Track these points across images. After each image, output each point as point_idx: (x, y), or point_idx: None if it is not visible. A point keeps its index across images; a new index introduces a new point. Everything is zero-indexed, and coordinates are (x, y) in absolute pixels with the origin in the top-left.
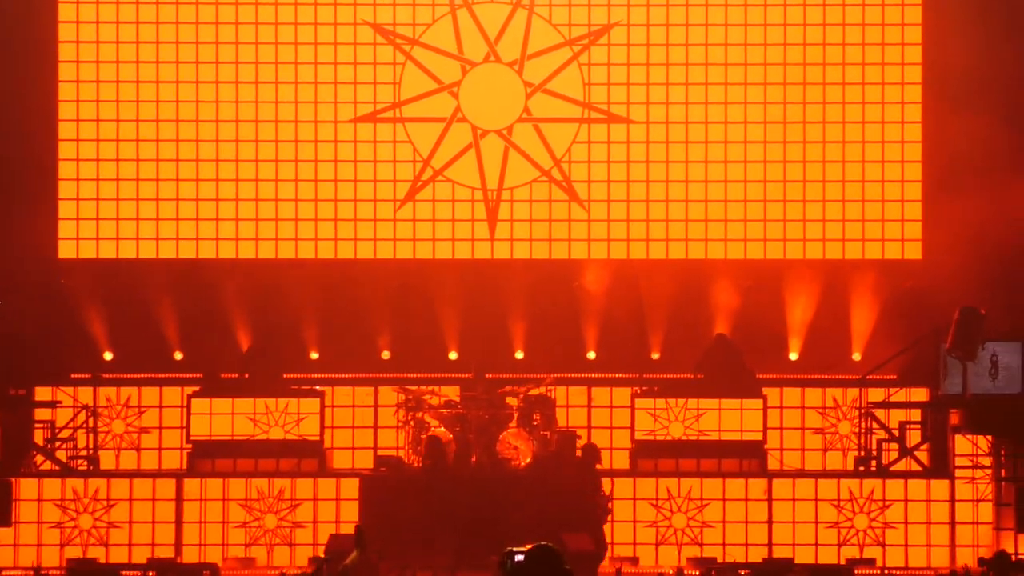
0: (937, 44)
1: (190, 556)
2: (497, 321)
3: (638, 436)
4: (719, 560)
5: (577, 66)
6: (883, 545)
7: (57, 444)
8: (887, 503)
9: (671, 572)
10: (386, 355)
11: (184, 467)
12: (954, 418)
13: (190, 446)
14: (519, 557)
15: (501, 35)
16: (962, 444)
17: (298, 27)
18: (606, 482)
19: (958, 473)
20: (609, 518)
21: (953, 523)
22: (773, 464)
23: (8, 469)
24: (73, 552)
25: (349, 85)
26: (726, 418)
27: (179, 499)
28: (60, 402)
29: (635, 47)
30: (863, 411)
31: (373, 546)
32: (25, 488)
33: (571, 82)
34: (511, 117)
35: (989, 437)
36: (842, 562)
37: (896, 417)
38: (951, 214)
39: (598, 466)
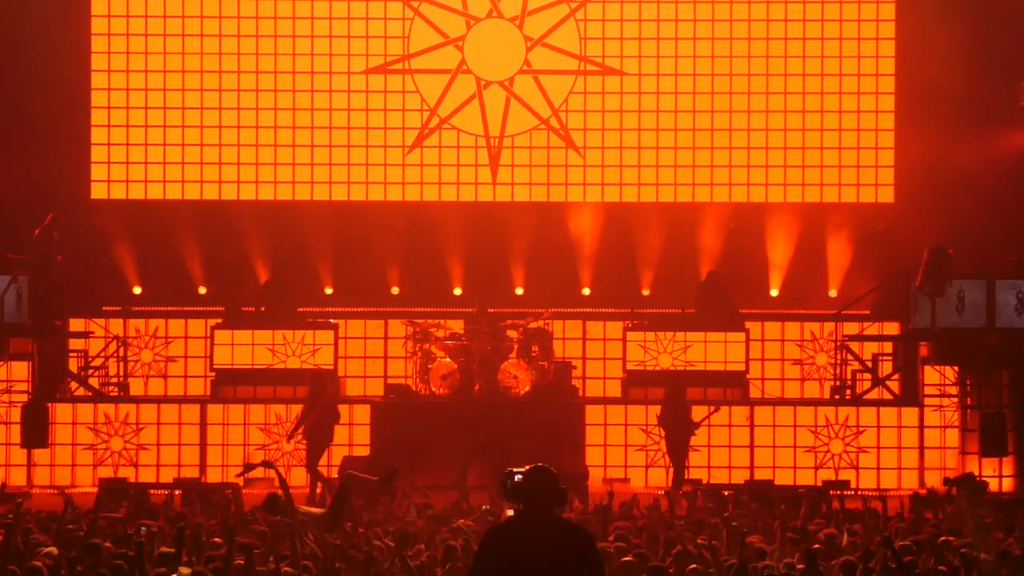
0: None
1: (214, 476)
2: (498, 259)
3: (629, 367)
4: (703, 482)
5: (574, 21)
6: (857, 468)
7: (90, 372)
8: (861, 429)
9: (660, 492)
10: (395, 290)
11: (208, 394)
12: (923, 350)
13: (213, 374)
14: (519, 477)
15: None
16: (931, 374)
17: None
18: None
19: (927, 401)
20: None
21: (922, 448)
22: (755, 393)
23: (45, 395)
24: (105, 472)
25: (361, 39)
26: (711, 350)
27: (203, 423)
28: (93, 333)
29: (628, 3)
30: (839, 343)
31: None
32: (60, 412)
33: (568, 36)
34: (512, 69)
35: (956, 368)
36: (818, 484)
37: (869, 349)
38: (921, 159)
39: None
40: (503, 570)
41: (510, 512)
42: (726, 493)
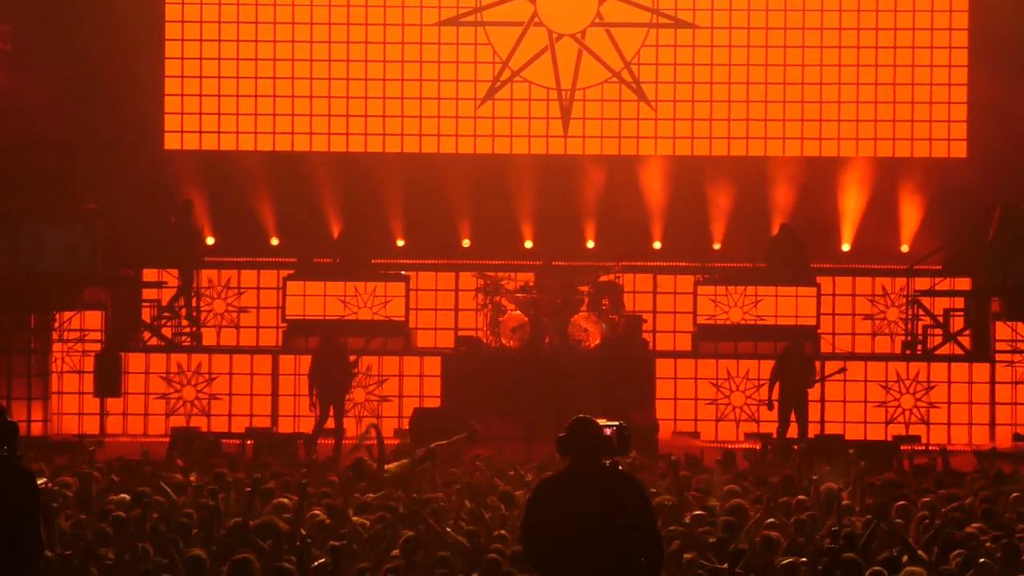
0: None
1: (285, 426)
2: (570, 213)
3: (700, 321)
4: (774, 436)
5: None
6: (927, 423)
7: (163, 322)
8: (932, 384)
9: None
10: (466, 243)
11: (280, 344)
12: (995, 306)
13: (285, 325)
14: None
15: None
16: (1002, 330)
17: None
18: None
19: (998, 357)
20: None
21: (993, 403)
22: (826, 348)
23: (118, 344)
24: (177, 421)
25: None
26: (782, 304)
27: (275, 374)
28: (166, 283)
29: None
30: (910, 299)
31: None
32: (134, 362)
33: None
34: (584, 22)
35: None
36: (889, 439)
37: (941, 304)
38: (994, 114)
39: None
40: (552, 520)
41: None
42: (795, 448)
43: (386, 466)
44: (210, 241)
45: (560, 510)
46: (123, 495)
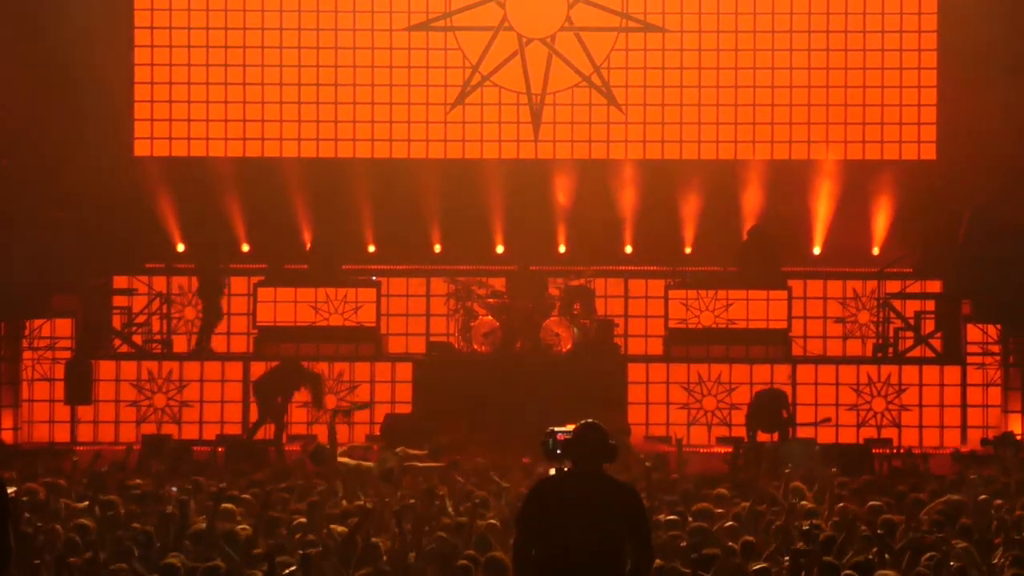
0: None
1: (256, 433)
2: (541, 217)
3: (671, 324)
4: (745, 440)
5: None
6: (899, 426)
7: (133, 329)
8: (903, 387)
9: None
10: (438, 248)
11: (251, 351)
12: (966, 308)
13: (256, 331)
14: (561, 435)
15: None
16: (973, 332)
17: None
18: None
19: (969, 360)
20: None
21: (964, 406)
22: (797, 351)
23: (89, 352)
24: (148, 428)
25: None
26: (753, 308)
27: (246, 381)
28: (136, 290)
29: None
30: (881, 301)
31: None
32: (104, 369)
33: None
34: (554, 26)
35: (998, 326)
36: (861, 442)
37: (912, 307)
38: (964, 118)
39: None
40: (549, 524)
41: (551, 471)
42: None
43: (342, 458)
44: (180, 248)
45: (558, 514)
46: (88, 503)
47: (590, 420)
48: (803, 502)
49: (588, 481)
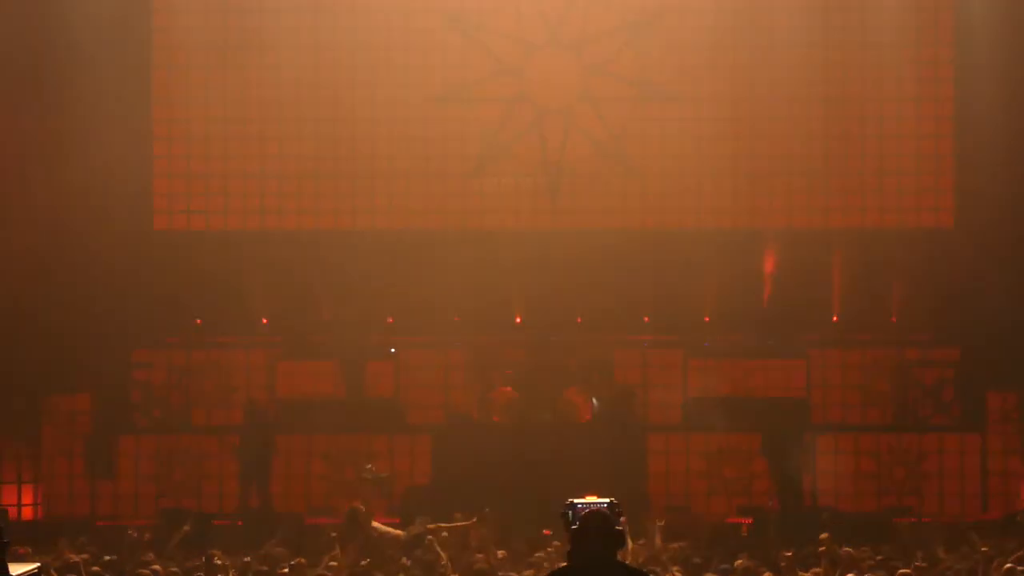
0: (966, 33)
1: (278, 506)
2: (558, 286)
3: (690, 394)
4: (766, 508)
5: (632, 48)
6: (920, 494)
7: (153, 403)
8: (923, 455)
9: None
10: (456, 319)
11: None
12: (985, 375)
13: (275, 405)
14: (580, 506)
15: (560, 18)
16: (993, 399)
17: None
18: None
19: (989, 427)
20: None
21: (985, 473)
22: (817, 419)
23: (109, 426)
24: (167, 502)
25: (419, 67)
26: (773, 377)
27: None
28: (153, 364)
29: (686, 30)
30: (900, 369)
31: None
32: (124, 444)
33: (626, 62)
34: (570, 96)
35: (1018, 393)
36: (881, 510)
37: (931, 375)
38: (981, 186)
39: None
40: None
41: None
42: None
43: (375, 524)
44: (198, 322)
45: None
46: None
47: (596, 509)
48: None
49: (599, 570)
